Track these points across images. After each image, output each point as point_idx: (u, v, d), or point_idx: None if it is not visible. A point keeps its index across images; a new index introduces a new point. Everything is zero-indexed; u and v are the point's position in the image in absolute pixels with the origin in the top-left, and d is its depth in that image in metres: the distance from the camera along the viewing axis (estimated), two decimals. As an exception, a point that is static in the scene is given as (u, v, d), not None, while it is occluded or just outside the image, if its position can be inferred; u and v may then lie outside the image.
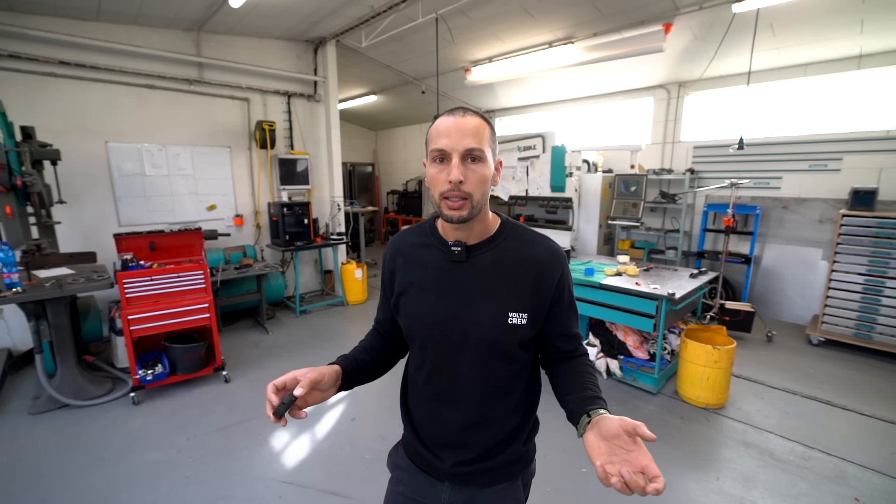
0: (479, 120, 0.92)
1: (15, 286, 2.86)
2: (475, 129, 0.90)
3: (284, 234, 5.12)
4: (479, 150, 0.90)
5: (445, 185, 0.90)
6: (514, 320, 0.96)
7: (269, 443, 2.81)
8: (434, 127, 0.94)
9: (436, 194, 0.93)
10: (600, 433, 0.78)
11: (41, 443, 2.78)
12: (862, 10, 3.63)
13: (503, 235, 1.02)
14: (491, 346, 0.97)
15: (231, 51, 5.02)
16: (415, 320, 1.03)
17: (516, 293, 0.97)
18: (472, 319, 0.97)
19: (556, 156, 4.98)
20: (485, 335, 0.97)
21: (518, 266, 0.98)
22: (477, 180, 0.91)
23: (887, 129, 4.25)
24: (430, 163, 0.94)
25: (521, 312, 0.96)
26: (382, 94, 7.88)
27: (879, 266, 3.94)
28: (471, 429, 1.02)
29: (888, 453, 2.67)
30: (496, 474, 1.06)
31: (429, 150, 0.94)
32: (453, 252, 0.99)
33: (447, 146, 0.89)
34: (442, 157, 0.91)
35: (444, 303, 0.99)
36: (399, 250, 1.09)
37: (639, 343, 3.60)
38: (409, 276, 1.05)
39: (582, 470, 2.53)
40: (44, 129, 3.70)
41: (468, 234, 0.99)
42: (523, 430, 1.08)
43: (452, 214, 0.92)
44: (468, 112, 0.92)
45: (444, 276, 1.00)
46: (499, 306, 0.96)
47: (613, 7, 4.18)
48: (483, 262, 0.99)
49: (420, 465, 1.11)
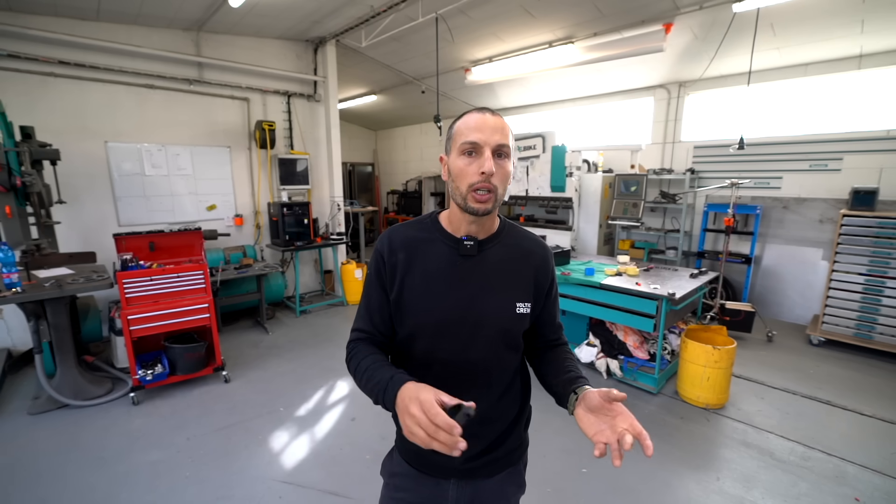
0: (503, 120, 0.98)
1: (14, 286, 2.85)
2: (503, 128, 0.96)
3: (284, 234, 5.11)
4: (507, 147, 0.95)
5: (476, 177, 0.92)
6: (520, 309, 1.03)
7: (269, 443, 2.80)
8: (462, 122, 0.97)
9: (463, 186, 0.95)
10: (587, 406, 0.86)
11: (41, 443, 2.78)
12: (862, 10, 3.63)
13: (504, 232, 1.08)
14: (503, 336, 1.03)
15: (231, 50, 5.01)
16: (425, 315, 1.00)
17: (521, 284, 1.05)
18: (487, 310, 1.01)
19: (556, 156, 4.98)
20: (498, 324, 1.02)
21: (521, 259, 1.06)
22: (503, 176, 0.96)
23: (888, 129, 4.24)
24: (457, 156, 0.96)
25: (525, 302, 1.04)
26: (382, 94, 7.87)
27: (880, 266, 3.94)
28: (479, 422, 1.01)
29: (888, 453, 2.67)
30: (499, 462, 1.09)
31: (457, 144, 0.96)
32: (465, 246, 1.01)
33: (480, 140, 0.92)
34: (472, 151, 0.94)
35: (458, 295, 1.00)
36: (400, 245, 1.04)
37: (639, 343, 3.59)
38: (414, 271, 1.01)
39: (582, 470, 2.52)
40: (43, 129, 3.70)
41: (480, 228, 1.02)
42: (522, 418, 1.13)
43: (479, 207, 0.95)
44: (495, 112, 0.97)
45: (455, 271, 1.02)
46: (509, 297, 1.03)
47: (613, 7, 4.17)
48: (492, 255, 1.04)
49: (421, 467, 1.09)
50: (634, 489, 2.39)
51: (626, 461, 2.62)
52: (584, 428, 0.85)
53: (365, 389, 0.95)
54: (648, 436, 0.77)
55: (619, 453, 0.77)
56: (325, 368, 3.84)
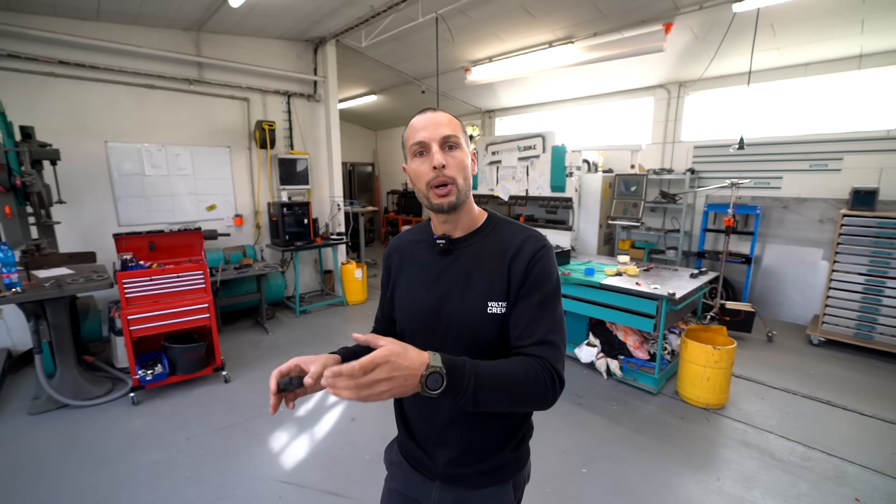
0: (449, 115, 0.99)
1: (14, 286, 2.85)
2: (448, 121, 0.96)
3: (284, 234, 5.11)
4: (455, 137, 0.95)
5: (430, 174, 0.94)
6: (493, 309, 0.95)
7: (269, 443, 2.80)
8: (410, 126, 0.99)
9: (422, 187, 0.96)
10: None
11: (41, 443, 2.78)
12: (862, 10, 3.63)
13: (489, 228, 1.04)
14: (472, 337, 0.97)
15: (231, 50, 5.01)
16: (406, 314, 1.07)
17: (495, 281, 0.96)
18: (455, 310, 0.98)
19: (557, 156, 4.98)
20: (465, 325, 0.97)
21: (496, 255, 0.98)
22: (457, 165, 0.95)
23: (888, 129, 4.24)
24: (411, 160, 0.98)
25: (499, 301, 0.95)
26: (382, 94, 7.87)
27: (880, 266, 3.94)
28: (455, 424, 1.01)
29: (889, 453, 2.67)
30: (485, 477, 1.04)
31: (408, 149, 0.98)
32: (438, 245, 1.02)
33: (426, 137, 0.94)
34: (422, 150, 0.95)
35: (431, 296, 1.02)
36: (396, 248, 1.14)
37: (639, 343, 3.59)
38: (403, 272, 1.09)
39: (582, 470, 2.52)
40: (43, 129, 3.70)
41: (455, 226, 1.02)
42: (514, 436, 1.05)
43: (442, 202, 0.95)
44: (437, 109, 0.98)
45: (431, 270, 1.04)
46: (478, 296, 0.96)
47: (614, 7, 4.17)
48: (467, 254, 1.01)
49: (412, 462, 1.11)
50: (635, 489, 2.39)
51: (626, 461, 2.61)
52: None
53: None
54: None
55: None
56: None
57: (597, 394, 3.41)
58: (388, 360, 0.72)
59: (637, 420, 3.06)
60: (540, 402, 0.86)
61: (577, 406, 3.23)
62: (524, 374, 0.84)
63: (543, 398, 0.85)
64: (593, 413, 3.14)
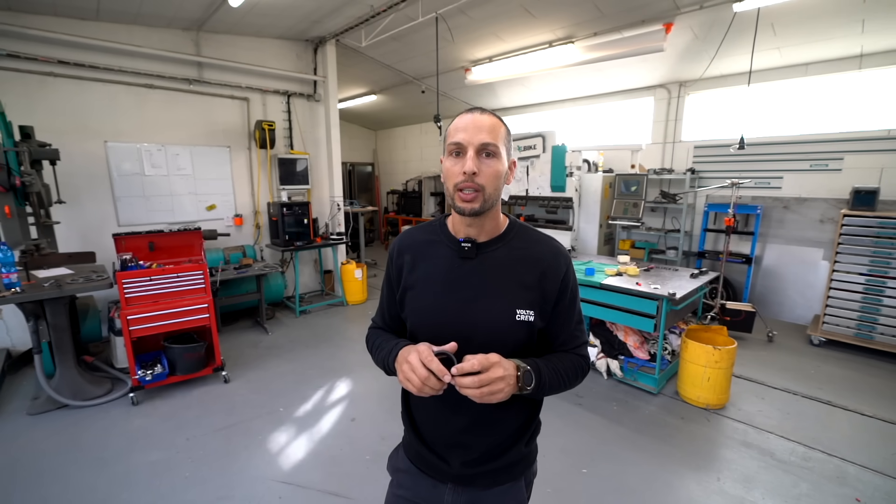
0: (495, 119, 0.97)
1: (14, 286, 2.85)
2: (491, 126, 0.95)
3: (284, 234, 5.11)
4: (493, 146, 0.94)
5: (459, 177, 0.93)
6: (521, 317, 0.98)
7: (269, 443, 2.80)
8: (453, 123, 0.98)
9: (450, 186, 0.96)
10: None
11: (41, 443, 2.77)
12: (863, 10, 3.63)
13: (512, 234, 1.05)
14: (500, 343, 0.97)
15: (231, 50, 5.01)
16: (421, 316, 1.04)
17: (524, 290, 0.99)
18: (481, 315, 0.98)
19: (557, 155, 4.97)
20: (493, 331, 0.98)
21: (526, 263, 1.01)
22: (490, 174, 0.94)
23: (888, 129, 4.24)
24: (446, 157, 0.98)
25: (528, 309, 0.98)
26: (382, 94, 7.87)
27: (880, 266, 3.93)
28: (473, 430, 1.02)
29: (889, 454, 2.67)
30: (499, 475, 1.05)
31: (446, 145, 0.98)
32: (463, 248, 1.01)
33: (464, 140, 0.93)
34: (458, 151, 0.95)
35: (452, 298, 1.00)
36: (407, 247, 1.09)
37: (639, 343, 3.59)
38: (417, 273, 1.05)
39: (582, 470, 2.52)
40: (43, 129, 3.69)
41: (479, 230, 1.01)
42: (526, 432, 1.08)
43: (465, 207, 0.95)
44: (486, 111, 0.97)
45: (452, 273, 1.01)
46: (507, 302, 0.98)
47: (614, 6, 4.17)
48: (492, 259, 1.01)
49: (422, 467, 1.10)
50: (635, 489, 2.38)
51: (626, 461, 2.60)
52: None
53: (377, 361, 1.08)
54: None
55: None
56: (325, 369, 3.83)
57: (597, 394, 3.40)
58: (500, 360, 0.86)
59: (637, 420, 3.05)
60: (576, 385, 1.06)
61: (577, 406, 3.22)
62: (573, 368, 1.03)
63: (579, 382, 1.07)
64: (593, 413, 3.14)
